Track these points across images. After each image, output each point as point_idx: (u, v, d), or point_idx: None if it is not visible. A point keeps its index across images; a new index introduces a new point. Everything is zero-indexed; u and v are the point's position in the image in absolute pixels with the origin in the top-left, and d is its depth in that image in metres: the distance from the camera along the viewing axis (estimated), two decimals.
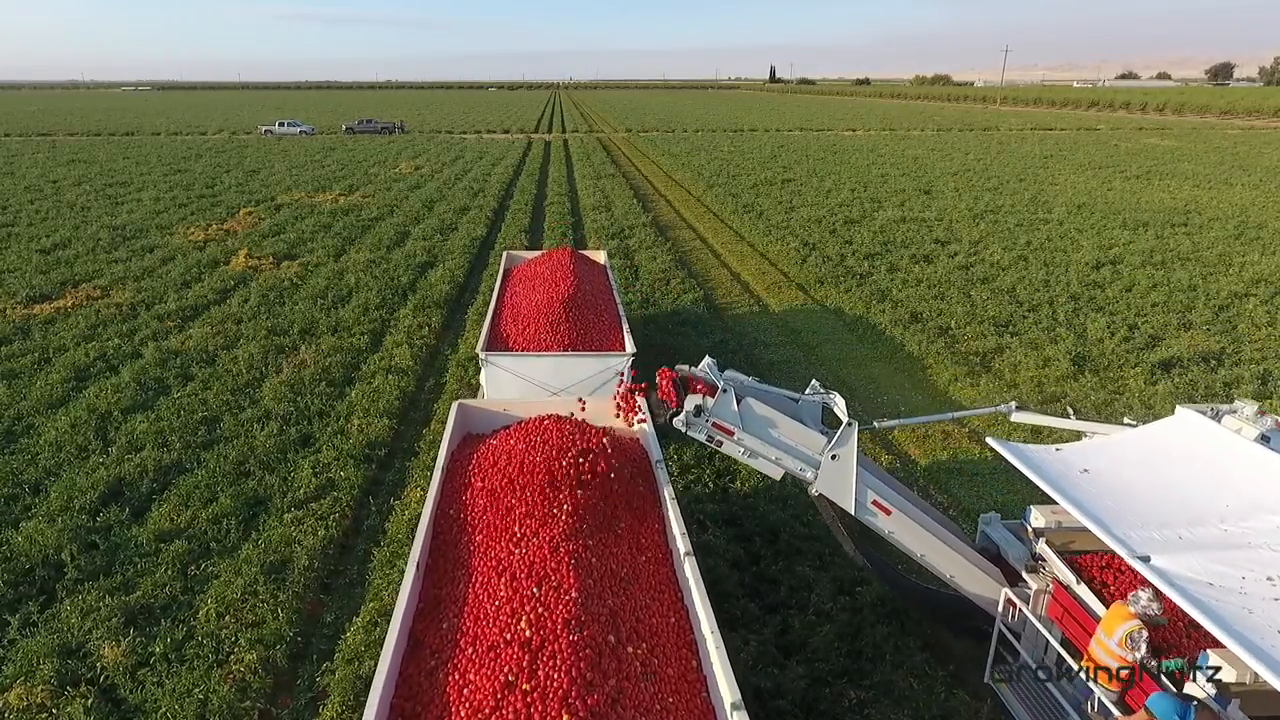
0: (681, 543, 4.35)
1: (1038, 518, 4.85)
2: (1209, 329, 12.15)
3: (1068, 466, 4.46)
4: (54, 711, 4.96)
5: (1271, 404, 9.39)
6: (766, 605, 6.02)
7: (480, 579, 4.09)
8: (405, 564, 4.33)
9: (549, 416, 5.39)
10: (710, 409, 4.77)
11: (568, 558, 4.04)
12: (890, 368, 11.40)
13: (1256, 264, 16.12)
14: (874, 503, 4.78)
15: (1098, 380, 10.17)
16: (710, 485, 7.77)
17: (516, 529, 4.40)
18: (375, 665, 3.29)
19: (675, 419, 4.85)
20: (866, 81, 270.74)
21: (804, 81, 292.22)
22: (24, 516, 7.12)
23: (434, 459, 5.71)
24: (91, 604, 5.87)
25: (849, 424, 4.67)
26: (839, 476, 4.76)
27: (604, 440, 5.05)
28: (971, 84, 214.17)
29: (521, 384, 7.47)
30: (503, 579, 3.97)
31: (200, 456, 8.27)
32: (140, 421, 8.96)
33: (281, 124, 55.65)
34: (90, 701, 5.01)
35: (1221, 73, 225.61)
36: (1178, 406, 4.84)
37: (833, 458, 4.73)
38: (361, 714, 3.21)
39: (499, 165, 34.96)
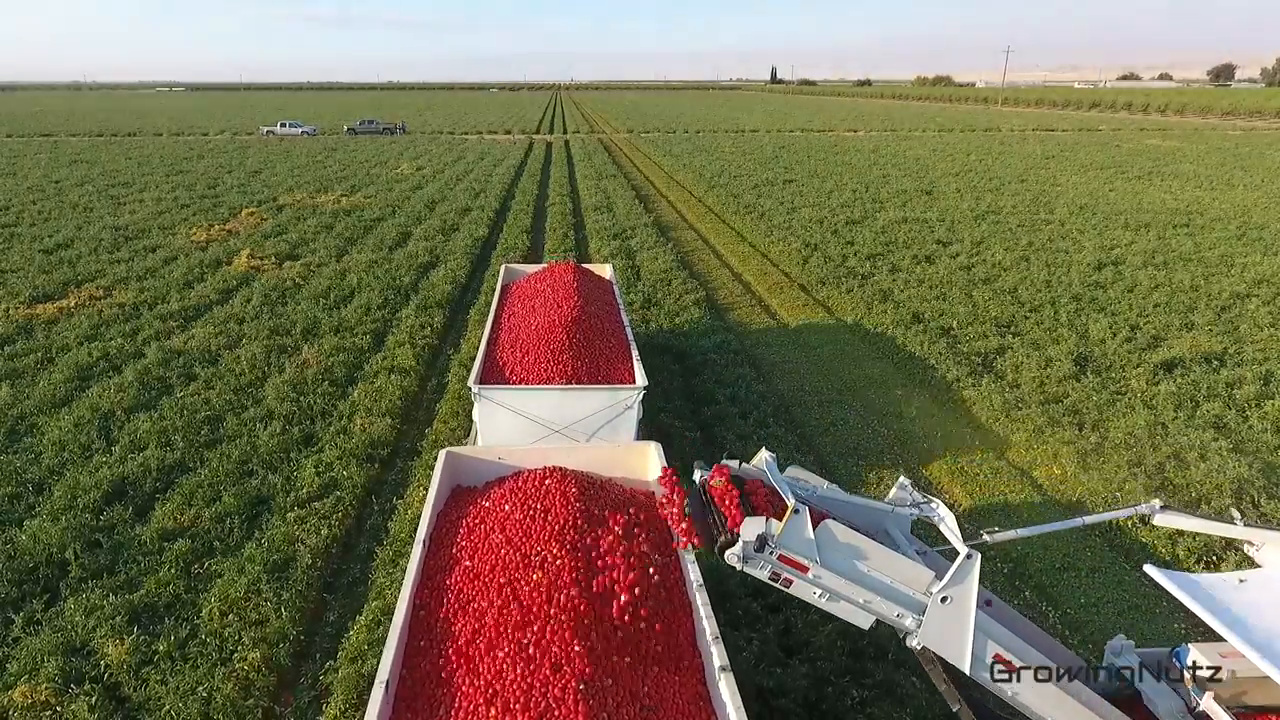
0: (716, 653, 3.50)
1: (1198, 659, 3.68)
2: (1211, 330, 12.14)
3: (1263, 612, 3.36)
4: (58, 710, 4.97)
5: (1274, 405, 9.38)
6: (769, 604, 6.02)
7: (465, 705, 3.29)
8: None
9: (550, 473, 4.68)
10: (777, 538, 3.55)
11: (575, 682, 3.26)
12: (892, 368, 11.40)
13: (1258, 265, 16.10)
14: (996, 657, 3.62)
15: (1099, 381, 10.16)
16: None
17: (511, 636, 3.55)
18: None
19: (728, 551, 3.62)
20: (868, 83, 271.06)
21: (805, 82, 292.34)
22: (28, 515, 7.13)
23: (420, 504, 5.15)
24: (95, 602, 5.89)
25: (968, 556, 3.51)
26: (952, 626, 3.57)
27: (619, 514, 4.33)
28: (973, 85, 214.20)
29: (519, 421, 6.81)
30: (492, 709, 3.21)
31: (203, 456, 8.29)
32: (143, 421, 8.98)
33: (283, 124, 55.66)
34: (94, 700, 5.03)
35: (1223, 74, 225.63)
36: None
37: (943, 600, 3.55)
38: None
39: (500, 166, 35.00)
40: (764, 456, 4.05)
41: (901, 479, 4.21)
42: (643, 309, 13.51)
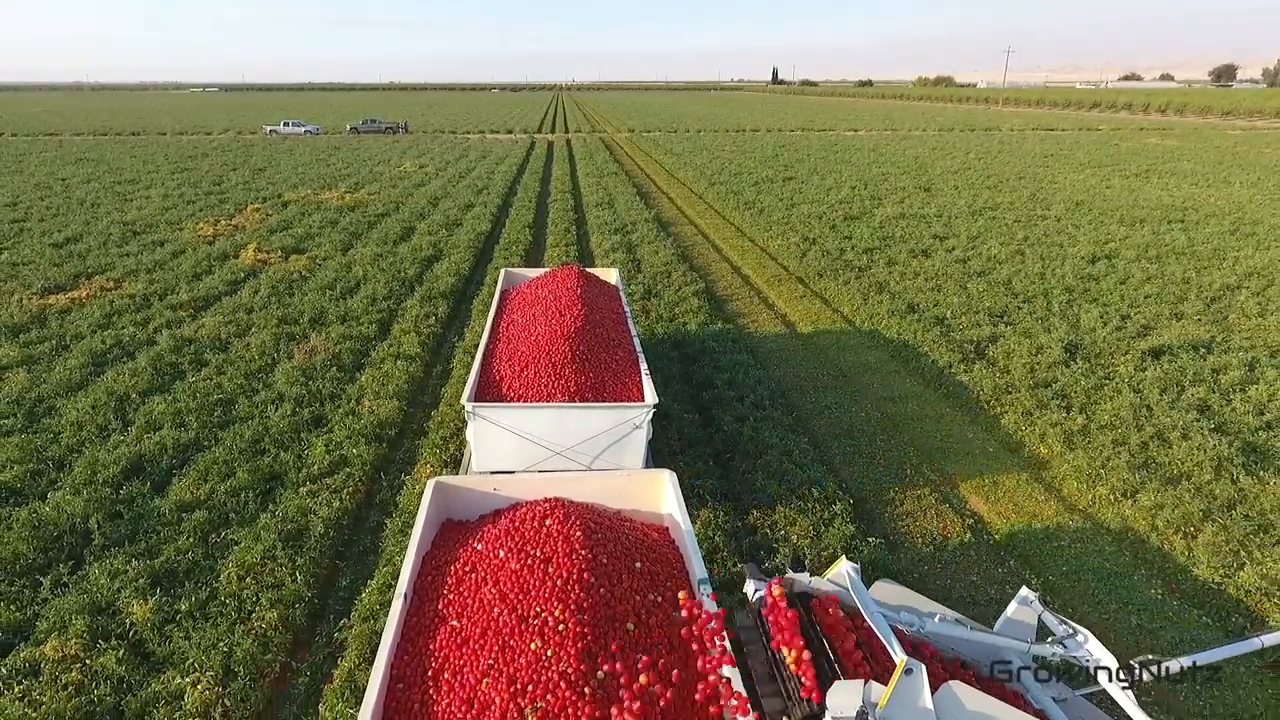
0: None
1: None
2: (1199, 319, 12.39)
3: None
4: (87, 663, 5.24)
5: (1257, 389, 9.63)
6: (762, 571, 6.28)
7: None
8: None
9: (551, 510, 4.18)
10: (880, 710, 2.59)
11: None
12: (886, 355, 11.66)
13: (1250, 258, 16.36)
14: None
15: (1088, 367, 10.42)
16: (711, 462, 8.04)
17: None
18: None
19: None
20: (869, 83, 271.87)
21: (807, 83, 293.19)
22: (50, 489, 7.41)
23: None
24: (118, 567, 6.16)
25: None
26: None
27: (634, 565, 3.86)
28: (974, 85, 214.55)
29: (517, 442, 6.29)
30: None
31: (217, 435, 8.57)
32: (158, 403, 9.26)
33: (286, 124, 56.06)
34: (121, 653, 5.30)
35: (1225, 74, 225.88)
36: None
37: None
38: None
39: (503, 164, 35.29)
40: (845, 569, 3.19)
41: (1024, 591, 3.32)
42: (643, 299, 13.78)
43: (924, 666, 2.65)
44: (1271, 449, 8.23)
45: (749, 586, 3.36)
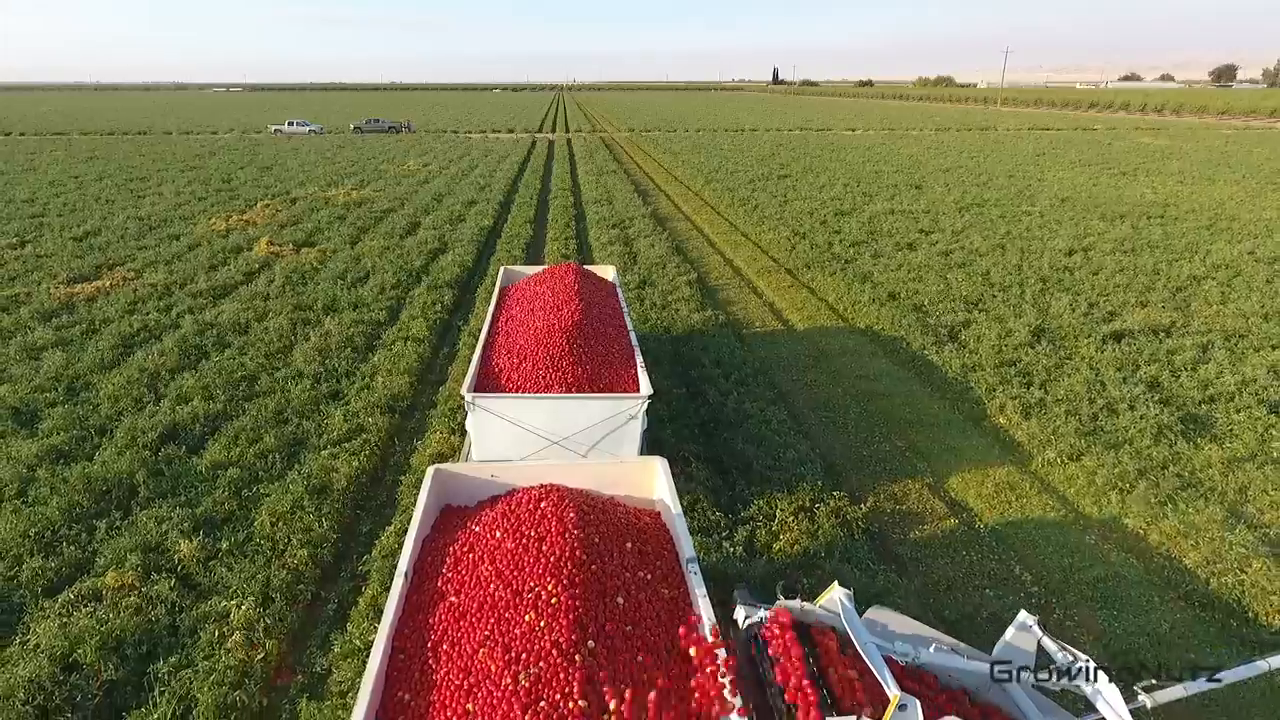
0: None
1: None
2: (1163, 306, 13.12)
3: None
4: (143, 590, 5.99)
5: (1208, 369, 10.35)
6: (738, 519, 7.04)
7: None
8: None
9: (546, 494, 4.32)
10: None
11: None
12: (865, 339, 12.40)
13: (1221, 251, 17.07)
14: None
15: (1051, 348, 11.15)
16: (696, 430, 8.79)
17: (500, 694, 3.14)
18: None
19: None
20: (869, 83, 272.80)
21: (807, 83, 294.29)
22: (96, 451, 8.17)
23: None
24: (164, 514, 6.92)
25: None
26: None
27: (625, 545, 4.00)
28: (974, 85, 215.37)
29: (515, 432, 6.40)
30: None
31: (243, 407, 9.32)
32: (187, 379, 10.02)
33: (292, 123, 56.90)
34: (172, 583, 6.05)
35: (1225, 75, 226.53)
36: None
37: None
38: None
39: (504, 162, 36.07)
40: (837, 595, 3.18)
41: (1023, 616, 3.28)
42: (638, 289, 14.53)
43: (918, 702, 2.60)
44: (1211, 419, 8.97)
45: (739, 613, 3.33)
